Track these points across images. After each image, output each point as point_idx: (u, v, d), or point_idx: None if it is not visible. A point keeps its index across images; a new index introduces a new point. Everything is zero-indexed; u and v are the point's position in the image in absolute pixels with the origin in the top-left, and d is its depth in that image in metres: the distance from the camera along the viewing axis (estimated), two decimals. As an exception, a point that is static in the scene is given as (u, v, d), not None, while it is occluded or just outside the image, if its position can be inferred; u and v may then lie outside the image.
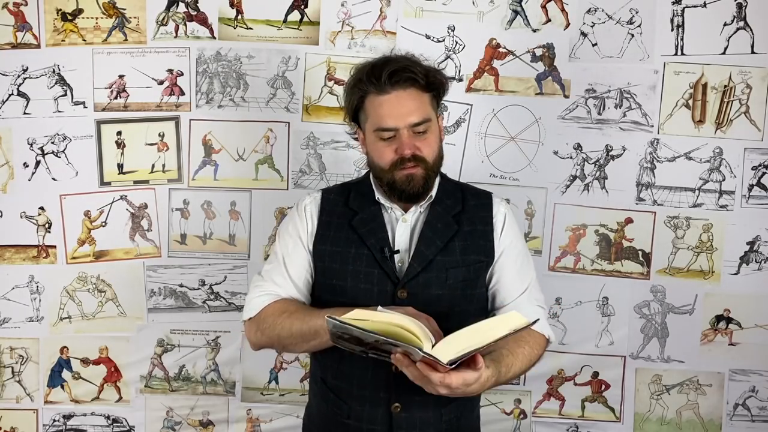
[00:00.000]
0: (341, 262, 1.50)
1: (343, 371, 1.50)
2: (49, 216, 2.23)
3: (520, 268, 1.55)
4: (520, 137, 2.22)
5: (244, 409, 2.33)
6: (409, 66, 1.45)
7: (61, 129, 2.21)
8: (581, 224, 2.24)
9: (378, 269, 1.47)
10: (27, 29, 2.18)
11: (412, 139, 1.44)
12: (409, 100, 1.44)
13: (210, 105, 2.23)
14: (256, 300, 1.53)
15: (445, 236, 1.50)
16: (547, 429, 2.33)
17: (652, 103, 2.19)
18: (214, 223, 2.26)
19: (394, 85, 1.44)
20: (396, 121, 1.44)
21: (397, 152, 1.44)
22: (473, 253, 1.51)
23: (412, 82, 1.45)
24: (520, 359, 1.41)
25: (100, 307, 2.28)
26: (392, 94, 1.44)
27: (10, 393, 2.30)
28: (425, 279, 1.47)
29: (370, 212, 1.53)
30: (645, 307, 2.26)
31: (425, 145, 1.46)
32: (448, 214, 1.53)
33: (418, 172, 1.45)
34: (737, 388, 2.28)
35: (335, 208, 1.56)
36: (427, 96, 1.48)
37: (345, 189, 1.61)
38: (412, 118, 1.44)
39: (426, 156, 1.46)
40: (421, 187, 1.46)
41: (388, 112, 1.44)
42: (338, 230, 1.53)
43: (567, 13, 2.18)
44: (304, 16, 2.20)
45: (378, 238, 1.50)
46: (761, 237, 2.21)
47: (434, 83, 1.49)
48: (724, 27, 2.15)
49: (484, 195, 1.60)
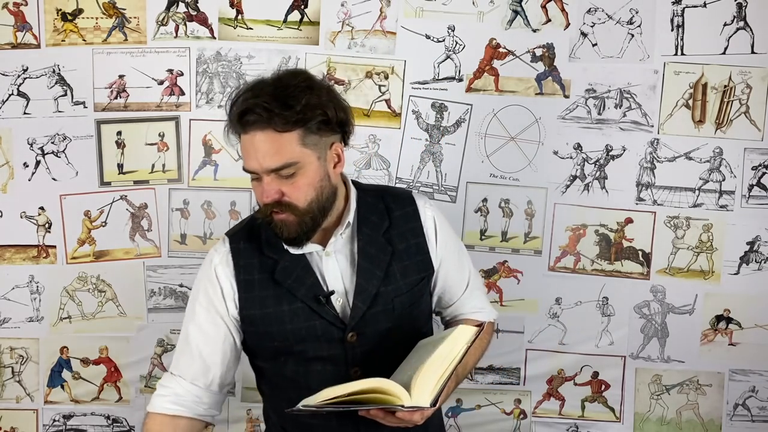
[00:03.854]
0: (278, 323, 1.36)
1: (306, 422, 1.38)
2: (49, 216, 2.23)
3: (459, 264, 1.52)
4: (520, 137, 2.22)
5: (244, 409, 2.33)
6: (264, 104, 1.23)
7: (61, 129, 2.21)
8: (581, 224, 2.24)
9: (319, 320, 1.35)
10: (27, 29, 2.18)
11: (276, 183, 1.27)
12: (265, 143, 1.25)
13: (210, 105, 2.23)
14: (154, 399, 1.40)
15: (383, 263, 1.38)
16: (547, 429, 2.33)
17: (652, 103, 2.19)
18: (215, 223, 2.26)
19: (245, 126, 1.26)
20: (255, 165, 1.27)
21: (262, 197, 1.29)
22: (413, 273, 1.42)
23: (266, 124, 1.24)
24: (472, 353, 1.37)
25: (100, 307, 2.27)
26: (249, 134, 1.26)
27: (10, 393, 2.30)
28: (372, 315, 1.36)
29: (290, 257, 1.36)
30: (645, 307, 2.26)
31: (293, 190, 1.27)
32: (377, 235, 1.39)
33: (288, 219, 1.29)
34: (737, 388, 2.28)
35: (251, 260, 1.38)
36: (292, 135, 1.25)
37: (253, 233, 1.40)
38: (267, 164, 1.25)
39: (294, 201, 1.28)
40: (297, 233, 1.30)
41: (247, 156, 1.28)
42: (262, 288, 1.37)
43: (567, 13, 2.18)
44: (304, 16, 2.20)
45: (308, 286, 1.35)
46: (761, 237, 2.21)
47: (301, 122, 1.25)
48: (724, 27, 2.15)
49: (407, 201, 1.46)
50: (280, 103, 1.24)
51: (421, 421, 1.26)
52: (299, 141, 1.26)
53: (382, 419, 1.23)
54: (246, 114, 1.25)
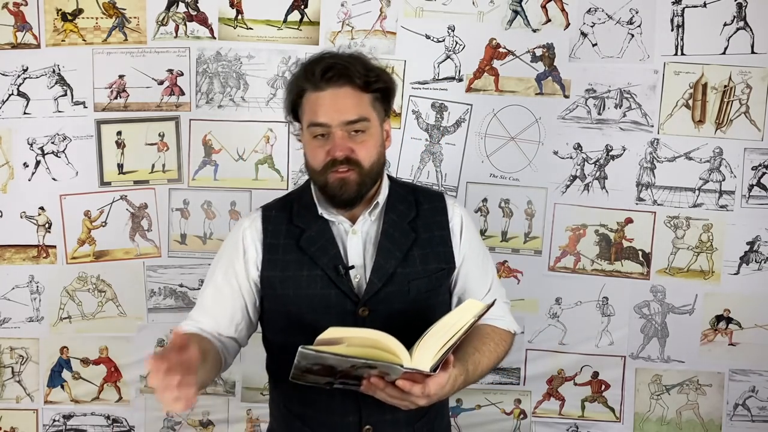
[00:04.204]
0: (294, 288, 1.40)
1: (309, 398, 1.41)
2: (49, 216, 2.23)
3: (482, 269, 1.53)
4: (520, 137, 2.22)
5: (244, 409, 2.33)
6: (346, 63, 1.36)
7: (61, 129, 2.21)
8: (581, 224, 2.24)
9: (335, 289, 1.39)
10: (27, 29, 2.18)
11: (346, 140, 1.35)
12: (344, 98, 1.35)
13: (210, 105, 2.23)
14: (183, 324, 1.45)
15: (404, 246, 1.42)
16: (547, 429, 2.33)
17: (652, 103, 2.19)
18: (214, 223, 2.26)
19: (328, 81, 1.35)
20: (328, 118, 1.35)
21: (329, 153, 1.35)
22: (434, 262, 1.44)
23: (347, 80, 1.35)
24: (486, 356, 1.39)
25: (100, 307, 2.28)
26: (327, 91, 1.35)
27: (10, 393, 2.30)
28: (387, 294, 1.39)
29: (317, 228, 1.42)
30: (645, 307, 2.26)
31: (361, 148, 1.36)
32: (403, 222, 1.44)
33: (351, 177, 1.35)
34: (737, 388, 2.28)
35: (279, 227, 1.44)
36: (366, 96, 1.38)
37: (287, 203, 1.49)
38: (345, 116, 1.34)
39: (361, 159, 1.35)
40: (355, 193, 1.37)
41: (322, 109, 1.35)
42: (286, 252, 1.42)
43: (567, 13, 2.18)
44: (304, 16, 2.20)
45: (330, 256, 1.40)
46: (761, 237, 2.21)
47: (375, 84, 1.38)
48: (724, 27, 2.15)
49: (437, 197, 1.52)
50: (360, 65, 1.37)
51: (423, 402, 1.23)
52: (370, 103, 1.38)
53: (382, 389, 1.22)
54: (329, 71, 1.35)
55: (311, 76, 1.36)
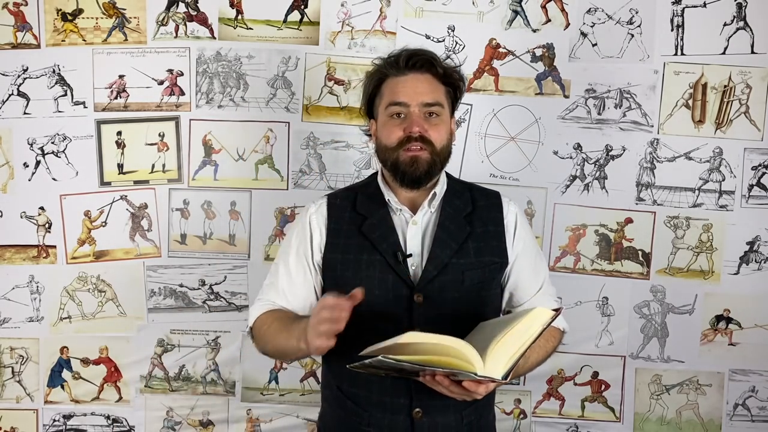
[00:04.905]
0: (354, 270, 1.47)
1: (360, 378, 1.42)
2: (49, 216, 2.24)
3: (534, 267, 1.57)
4: (520, 137, 2.22)
5: (244, 409, 2.33)
6: (426, 54, 1.50)
7: (61, 129, 2.21)
8: (581, 224, 2.24)
9: (392, 275, 1.45)
10: (27, 29, 2.18)
11: (421, 120, 1.46)
12: (424, 82, 1.48)
13: (210, 105, 2.23)
14: (253, 310, 1.55)
15: (459, 238, 1.48)
16: (547, 429, 2.33)
17: (652, 103, 2.19)
18: (214, 223, 2.26)
19: (411, 68, 1.48)
20: (409, 97, 1.46)
21: (406, 130, 1.45)
22: (487, 255, 1.50)
23: (429, 68, 1.48)
24: (536, 350, 1.41)
25: (100, 307, 2.28)
26: (409, 75, 1.48)
27: (10, 393, 2.30)
28: (441, 282, 1.45)
29: (379, 216, 1.51)
30: (645, 307, 2.26)
31: (434, 130, 1.47)
32: (459, 215, 1.51)
33: (423, 155, 1.45)
34: (737, 388, 2.28)
35: (343, 213, 1.53)
36: (442, 87, 1.51)
37: (351, 192, 1.58)
38: (424, 97, 1.46)
39: (434, 140, 1.46)
40: (424, 172, 1.46)
41: (403, 90, 1.47)
42: (348, 237, 1.50)
43: (567, 13, 2.18)
44: (304, 16, 2.20)
45: (390, 243, 1.47)
46: (761, 237, 2.21)
47: (452, 78, 1.52)
48: (724, 27, 2.15)
49: (492, 195, 1.59)
50: (441, 60, 1.53)
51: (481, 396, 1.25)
52: (445, 94, 1.51)
53: (446, 387, 1.24)
54: (413, 57, 1.48)
55: (395, 63, 1.49)
